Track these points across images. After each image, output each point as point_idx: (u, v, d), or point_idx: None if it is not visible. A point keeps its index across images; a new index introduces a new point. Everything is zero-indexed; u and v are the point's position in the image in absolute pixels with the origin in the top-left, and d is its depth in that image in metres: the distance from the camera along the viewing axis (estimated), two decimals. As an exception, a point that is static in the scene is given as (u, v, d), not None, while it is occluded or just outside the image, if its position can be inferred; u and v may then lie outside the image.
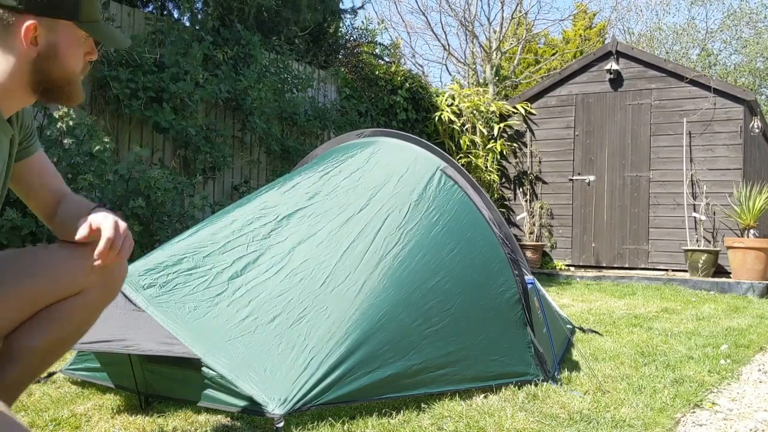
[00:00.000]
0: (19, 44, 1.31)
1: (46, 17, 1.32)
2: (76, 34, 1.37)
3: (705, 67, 20.01)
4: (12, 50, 1.31)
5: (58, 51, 1.35)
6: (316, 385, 2.15)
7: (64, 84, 1.39)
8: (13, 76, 1.32)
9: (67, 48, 1.36)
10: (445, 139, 8.77)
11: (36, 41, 1.31)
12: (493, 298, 2.77)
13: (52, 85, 1.38)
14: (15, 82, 1.33)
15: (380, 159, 3.10)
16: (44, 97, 1.39)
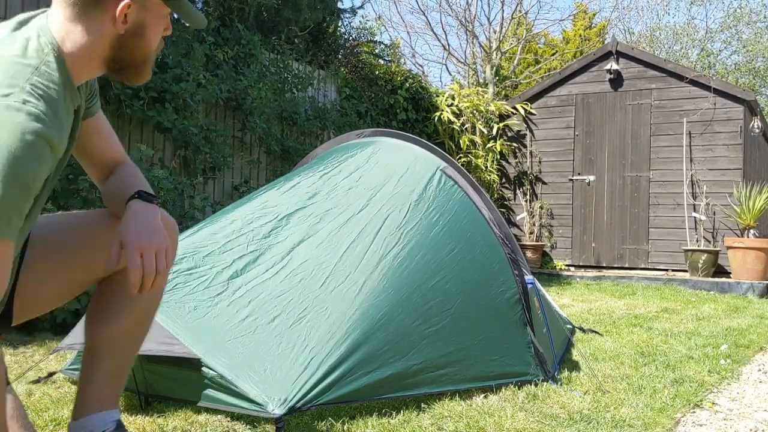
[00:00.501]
0: (108, 21, 1.27)
1: None
2: (162, 12, 1.34)
3: (705, 67, 20.01)
4: (98, 26, 1.26)
5: (145, 29, 1.31)
6: (316, 385, 2.15)
7: (141, 63, 1.36)
8: (92, 51, 1.28)
9: (153, 26, 1.33)
10: (445, 139, 8.77)
11: (125, 19, 1.27)
12: (493, 298, 2.77)
13: (129, 63, 1.34)
14: (93, 57, 1.29)
15: (380, 159, 3.11)
16: (116, 73, 1.36)
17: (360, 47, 8.09)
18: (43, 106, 1.14)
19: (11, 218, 1.09)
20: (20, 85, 1.14)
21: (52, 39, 1.24)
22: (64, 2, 1.25)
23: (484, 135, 9.13)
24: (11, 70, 1.16)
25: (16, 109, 1.10)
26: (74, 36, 1.25)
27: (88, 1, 1.25)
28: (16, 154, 1.08)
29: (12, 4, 4.27)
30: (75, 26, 1.25)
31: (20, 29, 1.25)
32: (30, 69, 1.18)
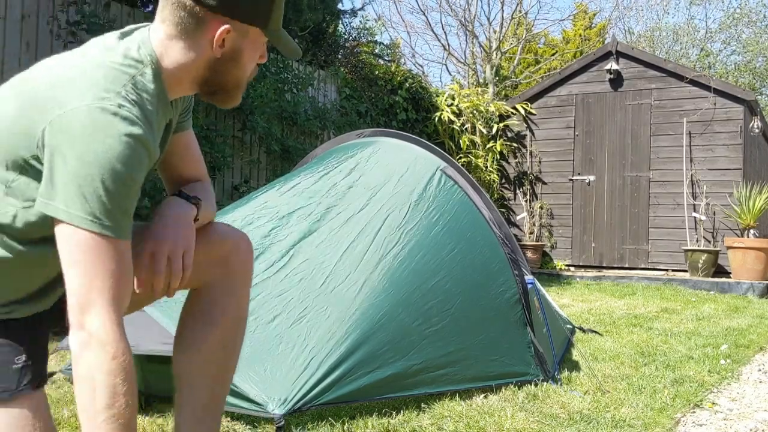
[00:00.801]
0: (206, 43, 1.29)
1: (239, 21, 1.29)
2: (260, 40, 1.35)
3: (704, 67, 20.01)
4: (196, 46, 1.29)
5: (241, 56, 1.33)
6: (316, 385, 2.15)
7: (233, 87, 1.38)
8: (188, 70, 1.31)
9: (250, 53, 1.34)
10: (445, 139, 8.77)
11: (223, 43, 1.29)
12: (493, 298, 2.77)
13: (221, 87, 1.36)
14: (188, 75, 1.32)
15: (380, 159, 3.10)
16: (208, 95, 1.38)
17: (360, 47, 8.09)
18: (137, 111, 1.18)
19: (121, 218, 1.14)
20: (116, 90, 1.17)
21: (152, 51, 1.27)
22: (168, 21, 1.28)
23: (484, 135, 9.13)
24: (110, 76, 1.19)
25: (112, 112, 1.14)
26: (173, 53, 1.29)
27: (191, 23, 1.27)
28: (116, 156, 1.12)
29: (12, 4, 4.27)
30: (175, 44, 1.29)
31: (123, 39, 1.29)
32: (127, 77, 1.21)
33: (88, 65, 1.21)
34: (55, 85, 1.18)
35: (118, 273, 1.14)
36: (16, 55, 4.29)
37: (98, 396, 1.10)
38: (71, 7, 4.55)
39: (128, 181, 1.14)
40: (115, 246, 1.14)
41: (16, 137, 1.17)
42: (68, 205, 1.11)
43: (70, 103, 1.13)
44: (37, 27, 4.42)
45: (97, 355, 1.10)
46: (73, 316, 1.12)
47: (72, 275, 1.13)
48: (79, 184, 1.10)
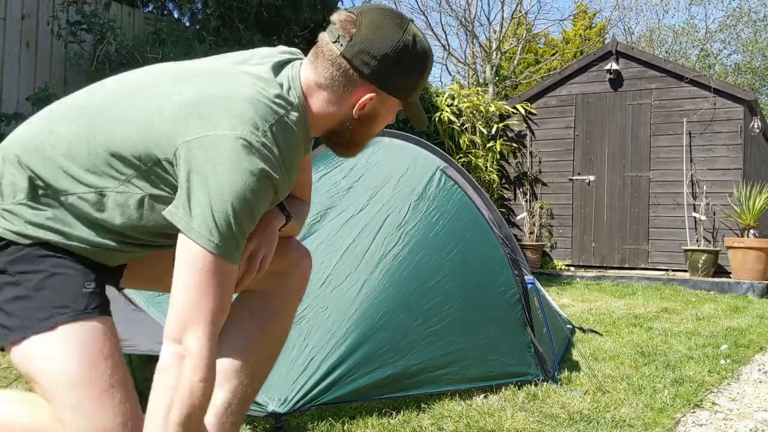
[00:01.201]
0: (348, 102, 1.35)
1: (385, 92, 1.36)
2: (395, 108, 1.42)
3: (704, 68, 20.01)
4: (339, 101, 1.35)
5: (375, 119, 1.40)
6: (316, 385, 2.15)
7: (355, 144, 1.44)
8: (324, 119, 1.37)
9: (383, 119, 1.41)
10: (445, 139, 8.76)
11: (363, 107, 1.36)
12: (493, 298, 2.77)
13: (347, 142, 1.43)
14: (322, 123, 1.38)
15: (380, 159, 3.10)
16: (329, 142, 1.44)
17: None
18: (276, 152, 1.24)
19: (238, 246, 1.20)
20: (264, 129, 1.23)
21: (301, 94, 1.34)
22: (320, 70, 1.34)
23: (484, 135, 9.12)
24: (260, 111, 1.24)
25: (256, 149, 1.20)
26: (316, 101, 1.35)
27: (341, 81, 1.33)
28: (250, 189, 1.18)
29: (12, 4, 4.27)
30: (320, 93, 1.35)
31: (277, 74, 1.34)
32: (276, 116, 1.26)
33: (242, 93, 1.25)
34: (207, 102, 1.23)
35: (225, 299, 1.19)
36: (16, 55, 4.29)
37: (174, 412, 1.13)
38: (71, 6, 4.55)
39: (253, 214, 1.21)
40: (230, 272, 1.20)
41: (156, 134, 1.22)
42: (200, 225, 1.16)
43: (220, 129, 1.19)
44: (37, 27, 4.42)
45: (188, 373, 1.13)
46: (173, 328, 1.15)
47: (182, 290, 1.16)
48: (214, 208, 1.16)
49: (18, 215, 1.25)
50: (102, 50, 4.62)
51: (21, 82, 4.28)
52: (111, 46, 4.66)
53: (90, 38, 4.68)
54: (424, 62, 1.37)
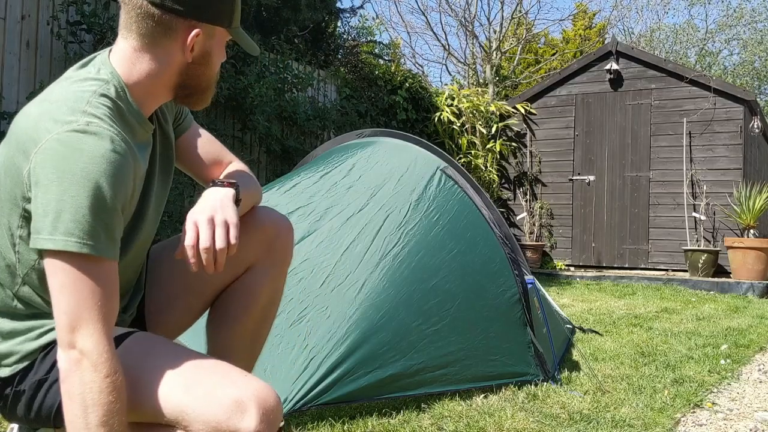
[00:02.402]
0: (176, 49, 1.30)
1: (207, 23, 1.31)
2: (224, 39, 1.38)
3: (704, 68, 20.01)
4: (166, 54, 1.30)
5: (210, 57, 1.35)
6: (316, 385, 2.15)
7: (205, 89, 1.40)
8: (161, 80, 1.32)
9: (217, 54, 1.37)
10: (445, 139, 8.76)
11: (193, 48, 1.31)
12: (493, 298, 2.77)
13: (194, 90, 1.38)
14: (161, 84, 1.33)
15: (380, 159, 3.10)
16: (181, 99, 1.40)
17: (360, 47, 8.08)
18: (106, 124, 1.18)
19: (105, 237, 1.14)
20: (81, 109, 1.18)
21: (113, 70, 1.28)
22: (135, 33, 1.28)
23: (484, 135, 9.12)
24: (71, 99, 1.20)
25: (81, 131, 1.15)
26: (141, 65, 1.29)
27: (158, 31, 1.28)
28: (93, 173, 1.12)
29: (12, 4, 4.27)
30: (143, 55, 1.29)
31: (81, 68, 1.31)
32: (88, 93, 1.22)
33: (53, 99, 1.22)
34: (30, 127, 1.19)
35: (107, 292, 1.14)
36: (16, 55, 4.29)
37: (92, 414, 1.10)
38: (71, 6, 4.55)
39: (108, 197, 1.13)
40: (102, 265, 1.14)
41: (11, 188, 1.19)
42: (51, 232, 1.11)
43: (42, 138, 1.14)
44: (37, 27, 4.42)
45: (89, 374, 1.10)
46: (63, 335, 1.12)
47: (61, 298, 1.12)
48: (60, 208, 1.10)
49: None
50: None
51: (21, 82, 4.29)
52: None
53: (90, 38, 4.68)
54: None
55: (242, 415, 1.14)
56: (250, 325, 1.59)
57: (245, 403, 1.14)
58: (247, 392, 1.16)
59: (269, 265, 1.57)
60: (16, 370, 1.26)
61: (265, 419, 1.15)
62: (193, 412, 1.16)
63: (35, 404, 1.25)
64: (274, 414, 1.17)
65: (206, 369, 1.21)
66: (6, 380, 1.26)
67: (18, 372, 1.26)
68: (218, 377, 1.19)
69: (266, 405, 1.16)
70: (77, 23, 4.55)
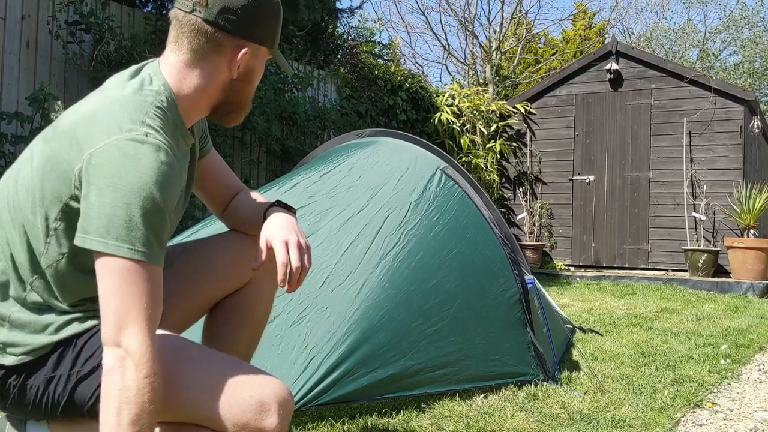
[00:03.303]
0: (224, 66, 1.36)
1: (254, 43, 1.37)
2: (266, 59, 1.44)
3: (704, 68, 20.01)
4: (213, 70, 1.36)
5: (253, 75, 1.41)
6: (316, 385, 2.15)
7: (242, 106, 1.45)
8: (206, 93, 1.38)
9: (258, 72, 1.43)
10: (445, 139, 8.76)
11: (239, 65, 1.37)
12: (493, 298, 2.77)
13: (234, 106, 1.43)
14: (205, 99, 1.39)
15: (380, 159, 3.10)
16: (218, 116, 1.45)
17: (359, 47, 8.08)
18: (162, 136, 1.24)
19: (155, 244, 1.20)
20: (140, 120, 1.23)
21: (165, 82, 1.34)
22: (186, 48, 1.34)
23: (484, 135, 9.12)
24: (130, 107, 1.25)
25: (140, 141, 1.20)
26: (190, 80, 1.35)
27: (209, 47, 1.34)
28: (147, 183, 1.17)
29: (12, 4, 4.27)
30: (192, 70, 1.35)
31: (133, 77, 1.35)
32: (147, 104, 1.27)
33: (108, 102, 1.27)
34: (83, 125, 1.23)
35: (154, 296, 1.19)
36: (16, 55, 4.29)
37: (125, 412, 1.13)
38: (69, 6, 4.55)
39: (159, 207, 1.19)
40: (150, 271, 1.19)
41: (56, 182, 1.23)
42: (103, 235, 1.16)
43: (100, 141, 1.19)
44: (37, 27, 4.42)
45: (131, 373, 1.14)
46: (109, 334, 1.16)
47: (110, 299, 1.17)
48: (114, 214, 1.15)
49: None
50: (101, 50, 4.62)
51: (21, 82, 4.29)
52: (110, 46, 4.65)
53: (89, 38, 4.68)
54: (277, 3, 1.41)
55: (266, 414, 1.23)
56: (247, 334, 1.66)
57: (268, 403, 1.24)
58: (268, 392, 1.24)
59: (270, 279, 1.65)
60: (23, 361, 1.28)
61: (283, 415, 1.26)
62: (221, 411, 1.23)
63: (45, 400, 1.28)
64: (289, 409, 1.28)
65: (230, 369, 1.27)
66: (10, 369, 1.28)
67: (23, 364, 1.28)
68: (242, 378, 1.26)
69: (283, 401, 1.26)
70: (76, 23, 4.55)
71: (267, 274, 1.64)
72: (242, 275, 1.62)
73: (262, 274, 1.63)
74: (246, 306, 1.65)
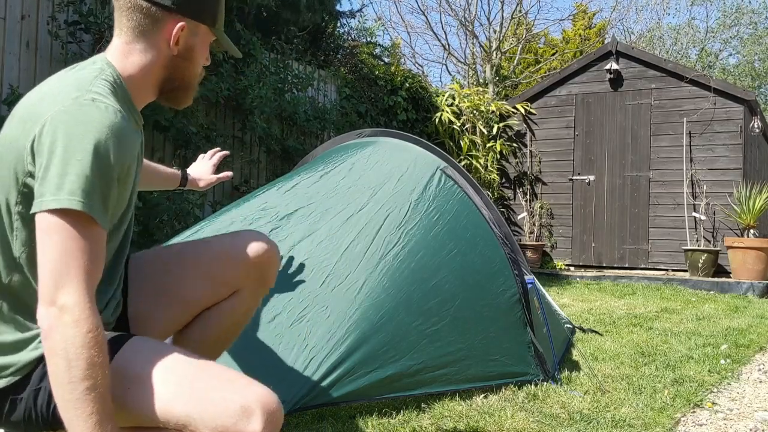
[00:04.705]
0: (163, 42, 1.39)
1: (192, 20, 1.41)
2: (208, 39, 1.47)
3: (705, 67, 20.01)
4: (153, 47, 1.38)
5: (193, 53, 1.44)
6: (316, 385, 2.15)
7: (188, 86, 1.48)
8: (148, 72, 1.39)
9: (200, 51, 1.45)
10: (445, 139, 8.76)
11: (178, 41, 1.39)
12: (493, 298, 2.77)
13: (177, 86, 1.46)
14: (148, 79, 1.40)
15: (380, 159, 3.10)
16: (164, 96, 1.47)
17: (359, 48, 8.08)
18: (111, 100, 1.26)
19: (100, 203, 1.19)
20: (86, 88, 1.25)
21: (108, 61, 1.37)
22: (125, 27, 1.38)
23: (484, 135, 9.12)
24: (73, 83, 1.28)
25: (87, 105, 1.22)
26: (133, 57, 1.38)
27: (146, 23, 1.37)
28: (96, 140, 1.18)
29: (12, 4, 4.27)
30: (133, 47, 1.38)
31: (77, 65, 1.38)
32: (92, 77, 1.29)
33: (52, 84, 1.30)
34: (31, 107, 1.26)
35: (94, 255, 1.19)
36: (16, 55, 4.29)
37: (75, 368, 1.13)
38: (69, 6, 4.55)
39: (110, 165, 1.20)
40: (93, 229, 1.19)
41: (11, 163, 1.25)
42: (55, 193, 1.15)
43: (48, 112, 1.21)
44: (37, 27, 4.42)
45: (71, 329, 1.13)
46: (46, 291, 1.15)
47: (48, 255, 1.16)
48: (66, 171, 1.16)
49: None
50: (100, 50, 4.61)
51: (21, 82, 4.28)
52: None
53: (88, 38, 4.68)
54: None
55: (248, 419, 1.18)
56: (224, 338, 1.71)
57: (251, 408, 1.19)
58: (252, 398, 1.20)
59: (257, 288, 1.68)
60: (12, 381, 1.27)
61: (270, 423, 1.20)
62: (201, 416, 1.19)
63: (34, 411, 1.28)
64: (277, 418, 1.22)
65: (211, 374, 1.25)
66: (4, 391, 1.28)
67: (13, 383, 1.27)
68: (224, 383, 1.23)
69: (270, 409, 1.21)
70: (75, 23, 4.55)
71: (255, 285, 1.67)
72: (228, 285, 1.64)
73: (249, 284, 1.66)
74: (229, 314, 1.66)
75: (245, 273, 1.64)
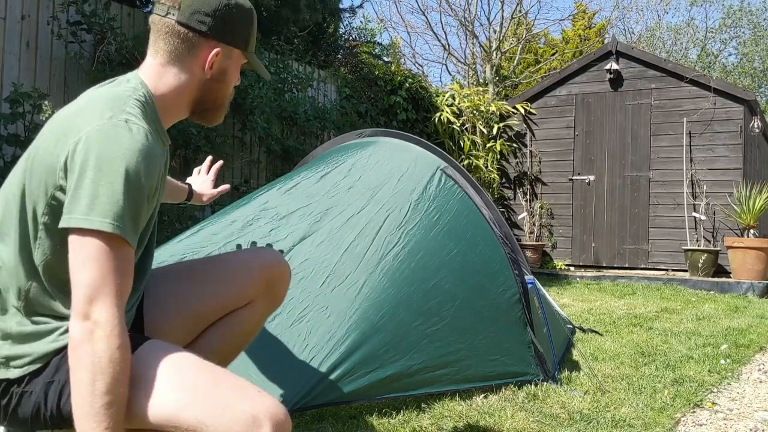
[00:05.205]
0: (197, 66, 1.44)
1: (227, 45, 1.46)
2: (240, 62, 1.52)
3: (705, 67, 20.01)
4: (188, 70, 1.44)
5: (226, 76, 1.49)
6: (316, 385, 2.15)
7: (219, 107, 1.53)
8: (182, 94, 1.45)
9: (232, 74, 1.51)
10: (445, 139, 8.76)
11: (212, 66, 1.45)
12: (493, 298, 2.77)
13: (209, 107, 1.51)
14: (181, 99, 1.46)
15: (380, 159, 3.10)
16: (197, 116, 1.52)
17: (360, 47, 8.08)
18: (142, 122, 1.29)
19: (131, 225, 1.24)
20: (121, 108, 1.29)
21: (142, 81, 1.41)
22: (161, 50, 1.42)
23: (484, 135, 9.12)
24: (109, 99, 1.31)
25: (120, 126, 1.25)
26: (167, 78, 1.43)
27: (183, 48, 1.42)
28: (128, 164, 1.22)
29: (12, 4, 4.27)
30: (168, 70, 1.43)
31: (112, 81, 1.42)
32: (125, 97, 1.33)
33: (88, 100, 1.34)
34: (66, 121, 1.30)
35: (125, 273, 1.23)
36: (16, 55, 4.29)
37: (99, 382, 1.16)
38: (71, 6, 4.55)
39: (141, 186, 1.24)
40: (124, 248, 1.23)
41: (42, 175, 1.28)
42: (86, 213, 1.19)
43: (83, 129, 1.25)
44: (37, 27, 4.42)
45: (102, 344, 1.17)
46: (79, 306, 1.18)
47: (83, 271, 1.20)
48: (98, 192, 1.20)
49: None
50: (102, 50, 4.62)
51: (21, 82, 4.28)
52: (111, 47, 4.65)
53: (90, 38, 4.68)
54: (250, 10, 1.50)
55: (258, 429, 1.21)
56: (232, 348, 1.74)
57: (260, 419, 1.22)
58: (262, 408, 1.23)
59: (267, 303, 1.74)
60: (27, 371, 1.29)
61: None
62: (212, 424, 1.22)
63: (46, 405, 1.29)
64: (285, 429, 1.25)
65: (224, 382, 1.27)
66: (13, 381, 1.29)
67: (28, 374, 1.29)
68: (236, 391, 1.26)
69: (278, 420, 1.24)
70: (77, 23, 4.55)
71: (267, 298, 1.73)
72: (241, 298, 1.69)
73: (261, 297, 1.71)
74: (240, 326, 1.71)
75: (257, 288, 1.69)
